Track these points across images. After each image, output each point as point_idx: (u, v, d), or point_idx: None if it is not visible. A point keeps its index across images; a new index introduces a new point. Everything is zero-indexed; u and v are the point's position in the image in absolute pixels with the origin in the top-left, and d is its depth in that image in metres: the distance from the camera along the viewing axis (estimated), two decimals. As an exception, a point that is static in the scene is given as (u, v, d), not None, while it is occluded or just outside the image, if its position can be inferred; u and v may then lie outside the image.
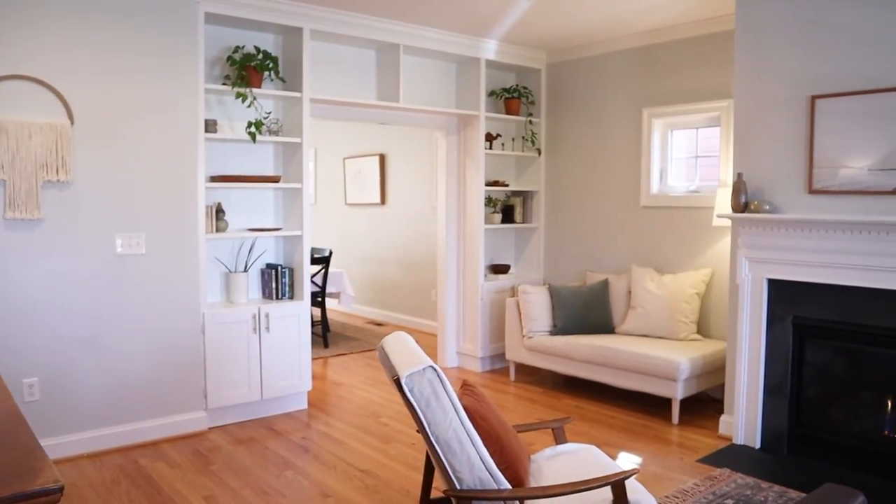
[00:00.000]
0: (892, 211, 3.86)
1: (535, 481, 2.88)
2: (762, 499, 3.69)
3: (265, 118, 5.00)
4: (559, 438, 3.24)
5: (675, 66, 5.60)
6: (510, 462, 2.71)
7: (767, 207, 4.25)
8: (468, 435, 2.49)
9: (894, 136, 3.84)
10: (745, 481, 3.93)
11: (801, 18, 4.17)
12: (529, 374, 6.19)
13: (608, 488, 2.56)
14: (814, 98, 4.13)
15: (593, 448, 3.19)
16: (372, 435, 4.72)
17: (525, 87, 6.53)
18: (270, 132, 5.06)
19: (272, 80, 5.05)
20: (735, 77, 4.50)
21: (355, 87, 5.64)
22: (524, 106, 6.56)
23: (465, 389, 3.00)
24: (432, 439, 2.46)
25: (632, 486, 2.72)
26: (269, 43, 5.12)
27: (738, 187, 4.34)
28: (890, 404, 4.07)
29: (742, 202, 4.33)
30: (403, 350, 2.62)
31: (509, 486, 2.55)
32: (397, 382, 2.43)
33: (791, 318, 4.27)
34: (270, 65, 4.90)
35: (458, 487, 2.50)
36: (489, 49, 6.10)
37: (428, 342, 7.42)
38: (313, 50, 5.23)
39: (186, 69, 4.54)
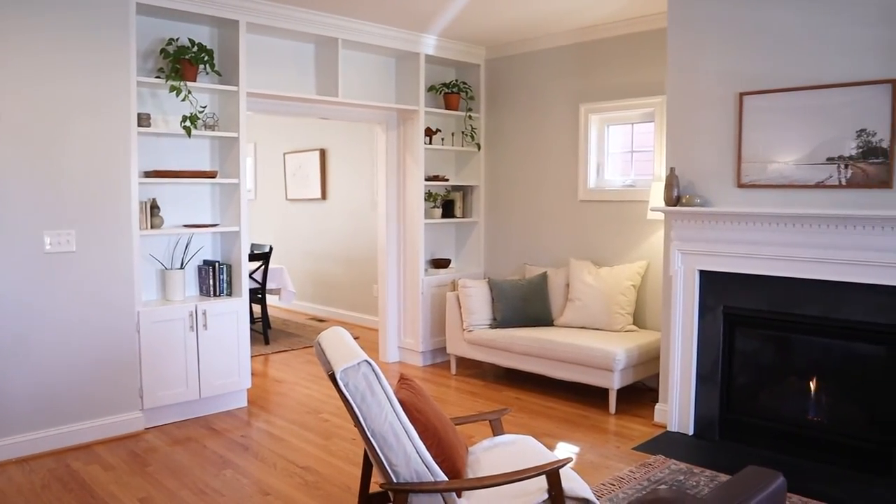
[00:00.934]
0: (815, 204, 4.02)
1: (472, 473, 2.91)
2: (694, 483, 3.81)
3: (200, 112, 4.91)
4: (496, 430, 3.29)
5: (611, 62, 5.70)
6: (447, 454, 2.74)
7: (699, 201, 4.37)
8: (404, 429, 2.51)
9: (818, 132, 4.00)
10: (678, 467, 4.05)
11: (731, 18, 4.30)
12: (470, 368, 6.24)
13: (543, 477, 2.61)
14: (742, 95, 4.27)
15: (530, 439, 3.23)
16: (313, 431, 4.70)
17: (464, 83, 6.56)
18: (206, 126, 4.98)
19: (207, 73, 4.97)
20: (668, 74, 4.61)
21: (293, 82, 5.58)
22: (463, 101, 6.59)
23: (403, 383, 3.02)
24: (368, 433, 2.47)
25: (566, 474, 2.77)
26: (204, 35, 5.03)
27: (671, 181, 4.45)
28: (813, 389, 4.25)
29: (674, 196, 4.44)
30: (339, 345, 2.62)
31: (446, 479, 2.58)
32: (332, 377, 2.43)
33: (722, 307, 4.41)
34: (206, 58, 4.81)
35: (395, 481, 2.51)
36: (428, 44, 6.11)
37: (370, 337, 7.42)
38: (250, 43, 5.16)
39: (117, 61, 4.42)
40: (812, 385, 4.25)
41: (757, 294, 4.26)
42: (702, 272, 4.45)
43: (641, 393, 5.40)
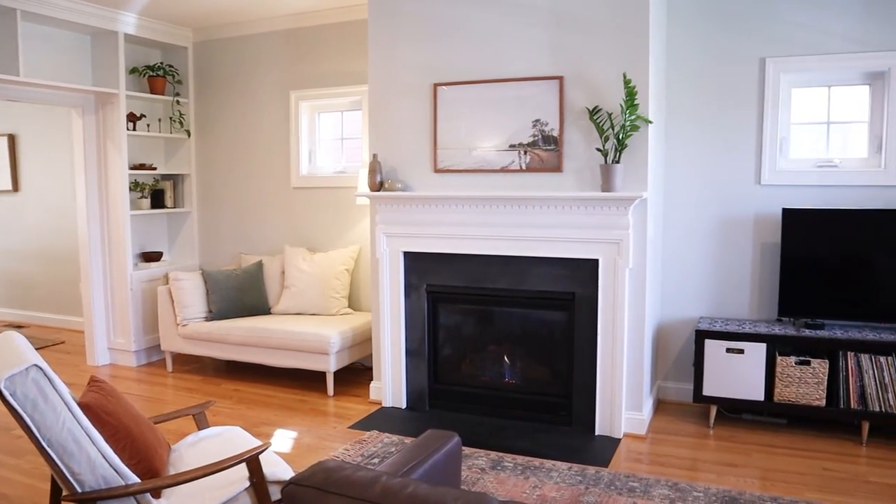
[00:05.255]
0: (502, 186, 4.43)
1: (174, 470, 2.83)
2: (404, 453, 4.03)
3: None
4: (201, 424, 3.22)
5: (321, 50, 5.77)
6: (143, 455, 2.63)
7: (400, 186, 4.61)
8: (86, 434, 2.36)
9: (504, 121, 4.41)
10: (390, 440, 4.26)
11: (425, 13, 4.57)
12: (188, 363, 6.01)
13: (245, 465, 2.61)
14: (436, 86, 4.56)
15: (236, 429, 3.22)
16: (2, 451, 4.23)
17: (171, 66, 6.25)
18: None
19: None
20: (369, 64, 4.78)
21: (-39, 57, 4.93)
22: (170, 85, 6.27)
23: (92, 386, 2.83)
24: (44, 444, 2.28)
25: (268, 459, 2.81)
26: None
27: (374, 167, 4.64)
28: (508, 355, 4.70)
29: (378, 181, 4.63)
30: (5, 351, 2.39)
31: (138, 480, 2.48)
32: (-5, 388, 2.21)
33: (425, 286, 4.70)
34: None
35: (80, 490, 2.36)
36: (128, 22, 5.71)
37: (77, 340, 6.84)
38: None
39: None
40: (506, 351, 4.71)
41: (455, 272, 4.60)
42: (406, 253, 4.71)
43: (359, 373, 5.59)
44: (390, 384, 4.83)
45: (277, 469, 2.77)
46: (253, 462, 2.62)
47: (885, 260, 4.23)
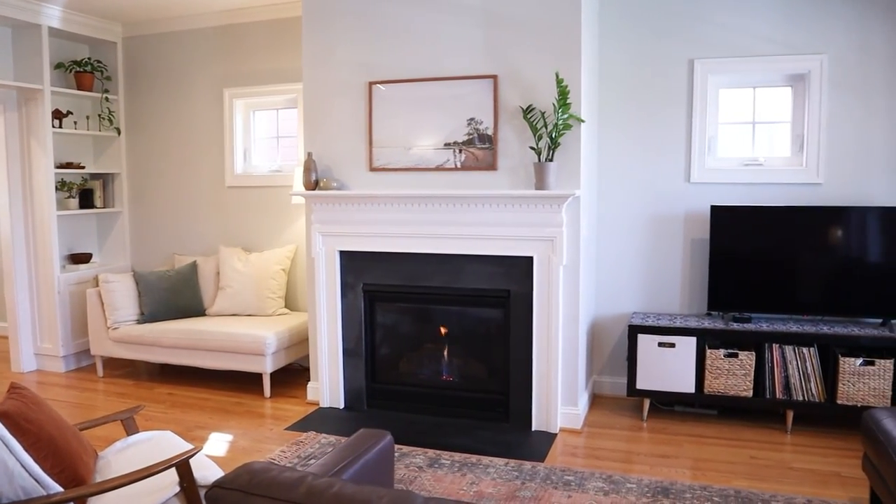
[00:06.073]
0: (437, 185, 4.44)
1: (101, 477, 2.76)
2: (342, 454, 4.01)
3: None
4: (130, 429, 3.15)
5: (255, 47, 5.69)
6: (67, 464, 2.56)
7: (335, 185, 4.58)
8: (3, 443, 2.28)
9: (439, 120, 4.41)
10: (328, 440, 4.23)
11: (360, 11, 4.54)
12: (120, 368, 5.84)
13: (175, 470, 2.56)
14: (371, 84, 4.54)
15: (167, 433, 3.15)
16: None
17: (99, 61, 6.07)
18: None
19: None
20: (303, 61, 4.73)
21: None
22: (99, 81, 6.09)
23: (12, 393, 2.74)
24: (-43, 454, 2.20)
25: (200, 463, 2.75)
26: None
27: (309, 166, 4.59)
28: (445, 352, 4.72)
29: (313, 180, 4.59)
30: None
31: (61, 490, 2.40)
32: None
33: (361, 285, 4.68)
34: None
35: (-3, 503, 2.28)
36: (52, 15, 5.52)
37: (1, 346, 6.58)
38: None
39: None
40: (444, 349, 4.72)
41: (392, 270, 4.59)
42: (342, 252, 4.67)
43: (297, 374, 5.53)
44: (328, 384, 4.79)
45: (209, 473, 2.72)
46: (182, 466, 2.56)
47: (807, 255, 4.39)
